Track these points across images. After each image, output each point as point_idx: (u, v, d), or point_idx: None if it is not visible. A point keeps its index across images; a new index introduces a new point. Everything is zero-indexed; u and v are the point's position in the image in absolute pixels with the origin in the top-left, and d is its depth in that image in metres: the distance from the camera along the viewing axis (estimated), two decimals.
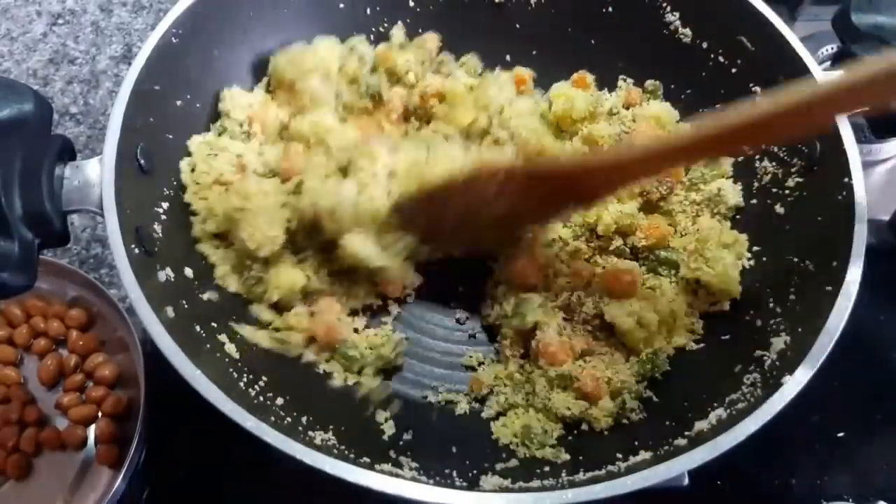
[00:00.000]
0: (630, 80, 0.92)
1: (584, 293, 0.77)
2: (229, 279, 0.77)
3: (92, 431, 0.80)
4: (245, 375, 0.67)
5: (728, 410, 0.62)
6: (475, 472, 0.64)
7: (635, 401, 0.71)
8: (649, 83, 0.91)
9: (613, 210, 0.80)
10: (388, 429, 0.71)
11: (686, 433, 0.62)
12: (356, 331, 0.78)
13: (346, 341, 0.76)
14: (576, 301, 0.77)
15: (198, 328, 0.68)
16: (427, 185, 0.72)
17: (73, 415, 0.80)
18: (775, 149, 0.79)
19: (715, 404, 0.64)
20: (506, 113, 0.86)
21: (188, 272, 0.72)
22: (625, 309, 0.74)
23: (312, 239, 0.77)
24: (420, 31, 0.94)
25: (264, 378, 0.68)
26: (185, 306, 0.68)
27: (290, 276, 0.76)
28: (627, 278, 0.76)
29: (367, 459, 0.60)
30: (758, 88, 0.81)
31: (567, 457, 0.68)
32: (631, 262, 0.80)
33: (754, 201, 0.81)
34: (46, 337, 0.85)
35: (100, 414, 0.80)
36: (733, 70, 0.84)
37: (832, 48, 1.01)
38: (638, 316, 0.74)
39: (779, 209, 0.78)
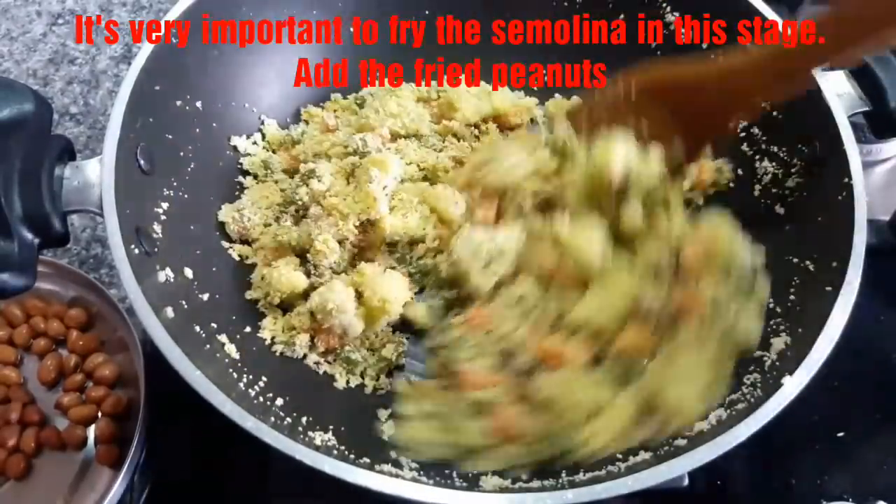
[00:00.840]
0: None
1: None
2: None
3: (92, 431, 0.80)
4: (245, 375, 0.67)
5: (728, 410, 0.62)
6: (475, 472, 0.64)
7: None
8: None
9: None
10: (388, 429, 0.71)
11: (686, 433, 0.62)
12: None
13: (347, 345, 0.76)
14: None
15: (198, 328, 0.68)
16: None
17: (73, 415, 0.80)
18: (775, 148, 0.79)
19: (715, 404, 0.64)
20: None
21: (188, 272, 0.72)
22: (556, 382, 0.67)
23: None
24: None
25: (264, 378, 0.68)
26: (185, 306, 0.68)
27: (291, 278, 0.76)
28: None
29: (367, 459, 0.60)
30: None
31: None
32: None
33: (754, 201, 0.81)
34: (46, 337, 0.85)
35: (100, 414, 0.80)
36: None
37: None
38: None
39: (779, 209, 0.78)
